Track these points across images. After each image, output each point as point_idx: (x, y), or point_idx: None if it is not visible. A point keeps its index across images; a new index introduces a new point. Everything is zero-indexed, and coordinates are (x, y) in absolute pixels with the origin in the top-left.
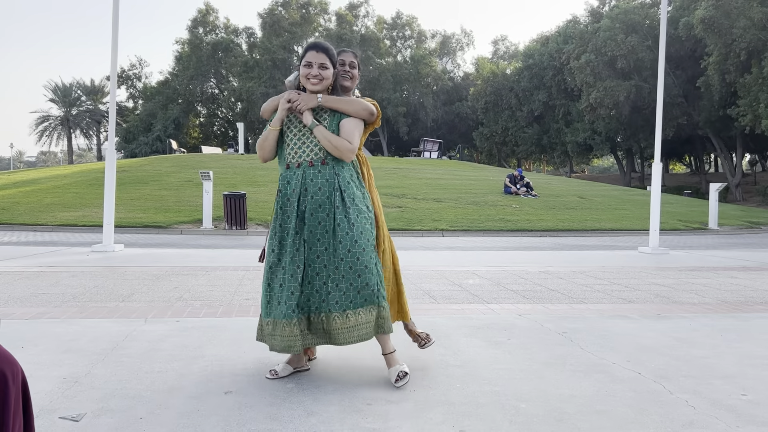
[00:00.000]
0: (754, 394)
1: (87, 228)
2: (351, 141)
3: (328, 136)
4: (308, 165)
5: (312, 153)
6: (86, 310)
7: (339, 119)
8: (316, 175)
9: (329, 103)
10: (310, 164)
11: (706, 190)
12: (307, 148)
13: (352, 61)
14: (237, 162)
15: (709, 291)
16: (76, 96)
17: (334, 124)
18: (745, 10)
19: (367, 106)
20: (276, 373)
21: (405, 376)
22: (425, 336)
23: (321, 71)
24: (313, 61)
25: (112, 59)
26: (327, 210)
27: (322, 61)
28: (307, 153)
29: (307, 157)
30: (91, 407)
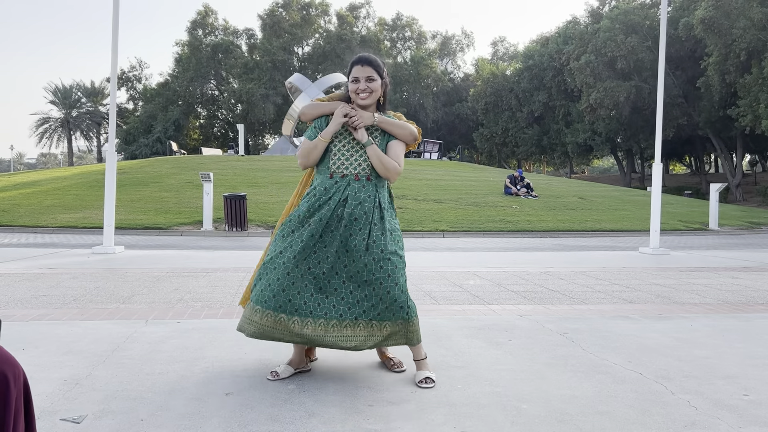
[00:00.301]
0: (756, 395)
1: (87, 230)
2: (399, 163)
3: (381, 155)
4: (354, 178)
5: (360, 167)
6: (87, 311)
7: (388, 140)
8: (360, 189)
9: (383, 124)
10: (356, 178)
11: (706, 190)
12: (355, 161)
13: (369, 76)
14: (237, 163)
15: (710, 291)
16: (76, 98)
17: (384, 144)
18: (745, 11)
19: (413, 131)
20: (277, 375)
21: (430, 380)
22: (398, 362)
23: (369, 84)
24: (360, 76)
25: (112, 61)
26: (361, 224)
27: (368, 74)
28: (355, 167)
29: (354, 171)
30: (93, 409)
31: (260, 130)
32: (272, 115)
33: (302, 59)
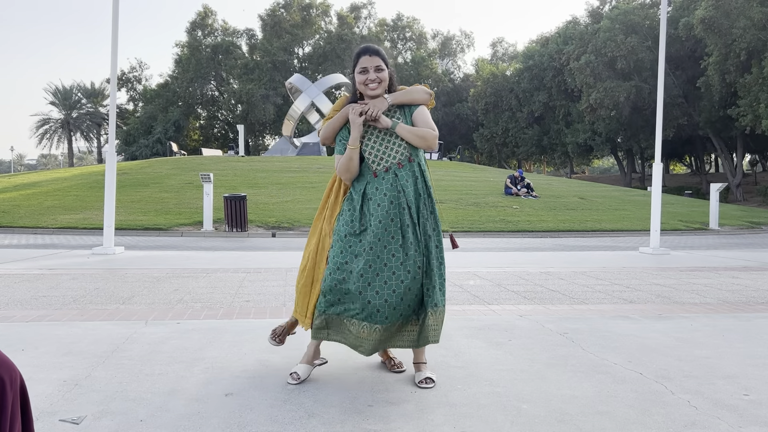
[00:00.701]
0: (756, 394)
1: (87, 231)
2: (432, 128)
3: (412, 130)
4: (398, 167)
5: (399, 155)
6: (87, 312)
7: (411, 113)
8: (407, 175)
9: (397, 100)
10: (399, 166)
11: (706, 190)
12: (391, 151)
13: (377, 65)
14: (237, 164)
15: (711, 291)
16: (76, 99)
17: (409, 118)
18: (745, 10)
19: (425, 89)
20: (299, 377)
21: (430, 381)
22: (399, 362)
23: (378, 74)
24: (369, 66)
25: (111, 62)
26: (422, 207)
27: (376, 63)
28: (394, 156)
29: (395, 160)
30: (92, 410)
31: (260, 131)
32: (272, 116)
33: (302, 60)
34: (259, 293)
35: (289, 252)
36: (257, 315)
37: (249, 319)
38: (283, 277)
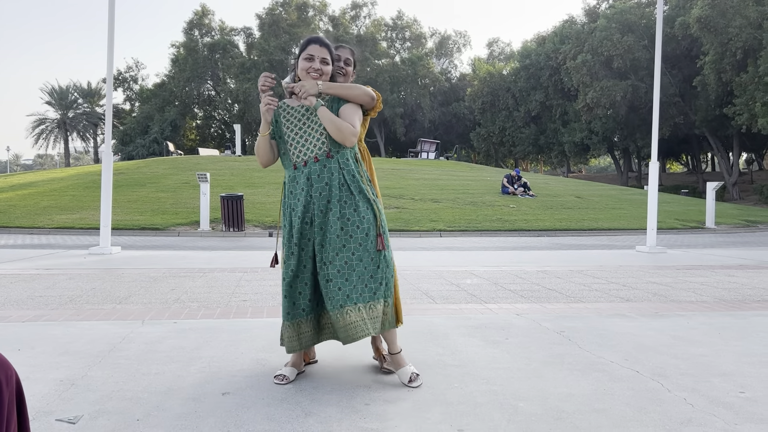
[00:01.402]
0: (752, 392)
1: (84, 230)
2: (354, 125)
3: (332, 117)
4: (313, 161)
5: (315, 149)
6: (83, 312)
7: (339, 106)
8: (321, 170)
9: (330, 90)
10: (315, 160)
11: (703, 189)
12: (310, 144)
13: (347, 58)
14: (234, 164)
15: (707, 289)
16: (72, 99)
17: (335, 110)
18: (741, 9)
19: (367, 90)
20: (286, 378)
21: (417, 377)
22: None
23: (322, 66)
24: (315, 55)
25: (108, 61)
26: (335, 205)
27: (323, 55)
28: (311, 149)
29: (312, 154)
30: (88, 409)
31: (257, 130)
32: None
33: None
34: (256, 293)
35: None
36: (254, 314)
37: (246, 318)
38: (280, 276)
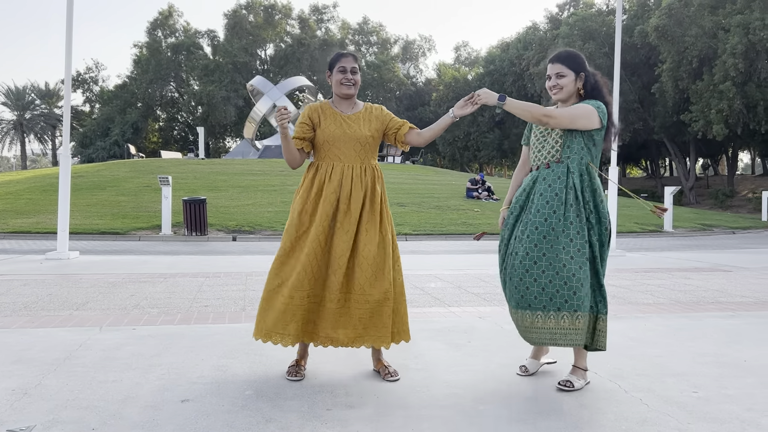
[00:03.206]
0: (705, 391)
1: (41, 235)
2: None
3: (521, 104)
4: (545, 167)
5: (549, 155)
6: (38, 319)
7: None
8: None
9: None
10: (546, 166)
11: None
12: (545, 150)
13: (353, 66)
14: (197, 167)
15: (664, 291)
16: (29, 100)
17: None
18: (697, 19)
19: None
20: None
21: (570, 385)
22: (393, 371)
23: (354, 76)
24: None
25: (66, 62)
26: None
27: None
28: (544, 155)
29: (545, 159)
30: (41, 419)
31: (221, 133)
32: (233, 118)
33: (264, 62)
34: (219, 298)
35: (250, 256)
36: (216, 320)
37: (207, 324)
38: (244, 281)
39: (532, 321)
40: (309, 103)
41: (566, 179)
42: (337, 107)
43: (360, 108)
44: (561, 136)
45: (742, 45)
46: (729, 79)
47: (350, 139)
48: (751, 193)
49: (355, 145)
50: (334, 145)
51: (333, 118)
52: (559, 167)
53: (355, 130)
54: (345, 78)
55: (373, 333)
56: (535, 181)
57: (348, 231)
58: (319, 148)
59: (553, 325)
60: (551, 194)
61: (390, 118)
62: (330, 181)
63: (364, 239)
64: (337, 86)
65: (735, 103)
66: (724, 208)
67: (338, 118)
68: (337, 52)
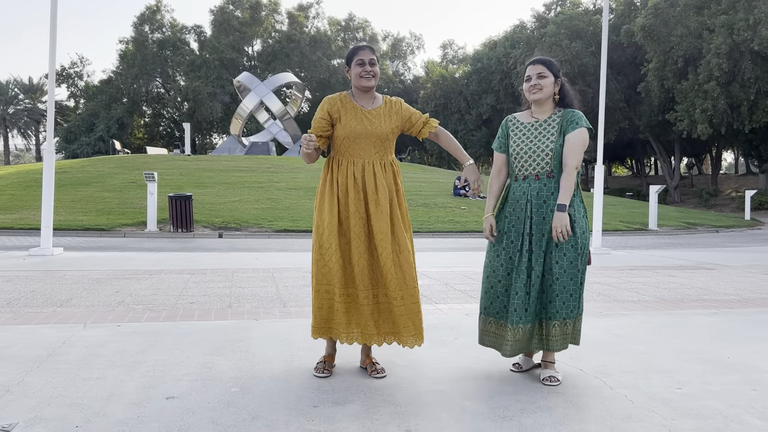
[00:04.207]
0: (688, 388)
1: (24, 231)
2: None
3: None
4: (534, 178)
5: (539, 167)
6: (21, 316)
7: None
8: (541, 188)
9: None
10: (536, 178)
11: (646, 192)
12: (533, 162)
13: (371, 58)
14: (183, 163)
15: (649, 289)
16: (13, 94)
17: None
18: (682, 19)
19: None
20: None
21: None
22: (381, 368)
23: (372, 67)
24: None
25: (50, 55)
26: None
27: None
28: (533, 166)
29: (534, 171)
30: (24, 416)
31: (207, 130)
32: (220, 114)
33: (251, 58)
34: (204, 295)
35: (237, 253)
36: (201, 317)
37: (193, 321)
38: (230, 278)
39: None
40: (328, 96)
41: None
42: (358, 101)
43: (380, 102)
44: (552, 150)
45: (727, 45)
46: (713, 79)
47: (371, 135)
48: (734, 192)
49: (376, 142)
50: (355, 141)
51: (354, 113)
52: (551, 181)
53: (377, 127)
54: (364, 71)
55: (413, 331)
56: (529, 192)
57: (382, 228)
58: (339, 143)
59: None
60: (547, 209)
61: (410, 114)
62: (354, 179)
63: (399, 236)
64: (356, 79)
65: (719, 103)
66: (708, 206)
67: (359, 113)
68: (354, 45)
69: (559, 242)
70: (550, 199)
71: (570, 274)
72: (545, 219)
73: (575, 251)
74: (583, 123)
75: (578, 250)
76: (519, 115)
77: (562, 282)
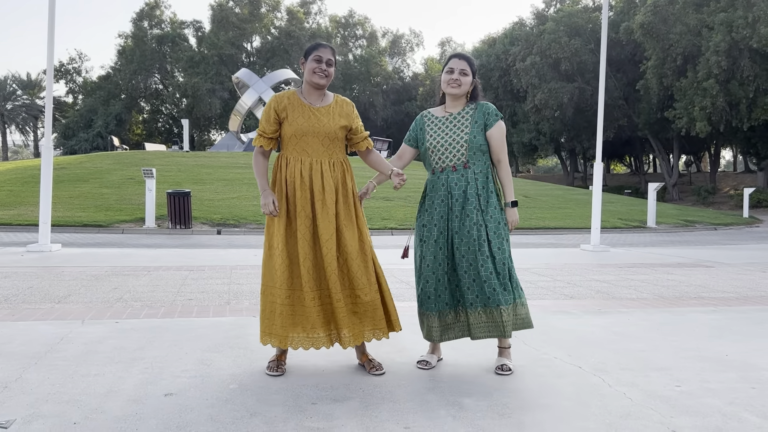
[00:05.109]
0: (687, 385)
1: (22, 227)
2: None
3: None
4: (452, 170)
5: (455, 159)
6: (19, 312)
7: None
8: (459, 179)
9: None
10: (453, 169)
11: (645, 189)
12: (450, 154)
13: (329, 58)
14: (181, 159)
15: (647, 287)
16: (11, 90)
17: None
18: (682, 17)
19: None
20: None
21: (509, 370)
22: (378, 364)
23: (329, 68)
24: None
25: (48, 51)
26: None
27: (462, 67)
28: (450, 158)
29: (451, 163)
30: (22, 413)
31: (206, 126)
32: (218, 111)
33: (250, 54)
34: (203, 291)
35: (235, 250)
36: (200, 314)
37: (191, 318)
38: (228, 275)
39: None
40: (276, 94)
41: (474, 183)
42: (307, 98)
43: (330, 100)
44: (467, 141)
45: (726, 43)
46: (712, 76)
47: (319, 133)
48: (732, 189)
49: (324, 140)
50: (303, 139)
51: (301, 110)
52: (468, 172)
53: (325, 124)
54: (319, 68)
55: (371, 326)
56: (448, 183)
57: (327, 229)
58: (287, 141)
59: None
60: (464, 198)
61: (357, 125)
62: (301, 177)
63: (346, 236)
64: (309, 74)
65: (718, 101)
66: (706, 204)
67: (307, 110)
68: (317, 41)
69: (487, 231)
70: (469, 189)
71: (496, 260)
72: (464, 209)
73: (500, 239)
74: (499, 115)
75: (503, 237)
76: (433, 110)
77: (487, 268)
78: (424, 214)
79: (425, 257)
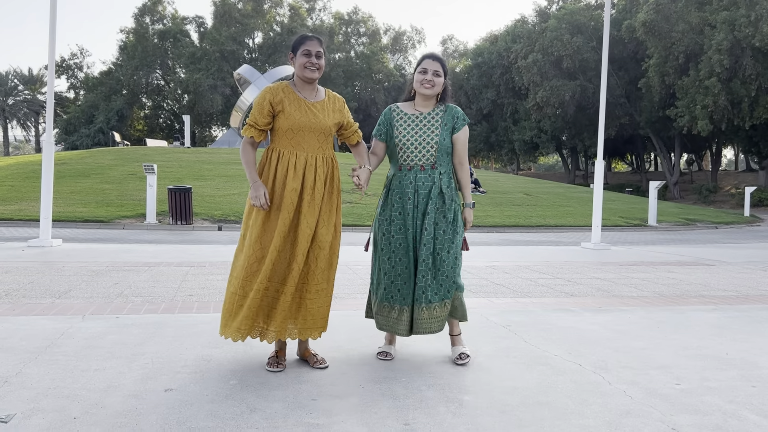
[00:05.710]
0: (687, 384)
1: (23, 222)
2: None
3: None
4: (420, 169)
5: (424, 158)
6: (19, 307)
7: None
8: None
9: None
10: (421, 168)
11: (646, 188)
12: (419, 153)
13: (318, 50)
14: (183, 155)
15: (648, 285)
16: (12, 85)
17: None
18: (684, 15)
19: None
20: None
21: (467, 357)
22: (321, 358)
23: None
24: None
25: (49, 46)
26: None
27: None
28: (419, 157)
29: (419, 162)
30: (22, 408)
31: (207, 122)
32: (220, 107)
33: (252, 50)
34: (203, 287)
35: (236, 246)
36: (200, 309)
37: (191, 313)
38: (228, 271)
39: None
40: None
41: (439, 183)
42: (300, 92)
43: (323, 96)
44: (437, 143)
45: (728, 41)
46: (714, 75)
47: (316, 128)
48: (734, 188)
49: (320, 136)
50: (299, 133)
51: (297, 104)
52: (435, 172)
53: (321, 120)
54: (309, 62)
55: (315, 324)
56: (416, 182)
57: (310, 224)
58: (281, 135)
59: (439, 314)
60: (428, 197)
61: (348, 119)
62: (295, 172)
63: (323, 229)
64: (300, 69)
65: (720, 99)
66: (707, 203)
67: (303, 104)
68: (302, 34)
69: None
70: (434, 189)
71: (453, 255)
72: (428, 206)
73: (457, 237)
74: (467, 120)
75: (460, 235)
76: (402, 105)
77: (448, 264)
78: (388, 208)
79: (386, 251)
